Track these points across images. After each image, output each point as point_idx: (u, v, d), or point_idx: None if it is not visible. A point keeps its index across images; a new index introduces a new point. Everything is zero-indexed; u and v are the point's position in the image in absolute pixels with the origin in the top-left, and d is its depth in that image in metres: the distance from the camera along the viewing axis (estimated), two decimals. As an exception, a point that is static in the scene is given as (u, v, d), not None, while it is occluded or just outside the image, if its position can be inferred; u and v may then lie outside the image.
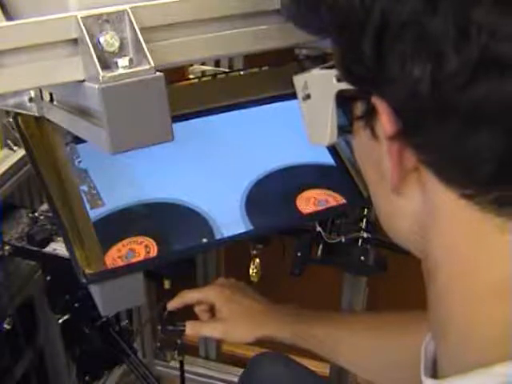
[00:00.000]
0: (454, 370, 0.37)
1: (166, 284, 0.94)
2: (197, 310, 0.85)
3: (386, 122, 0.35)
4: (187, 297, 0.85)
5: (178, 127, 0.51)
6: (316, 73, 0.45)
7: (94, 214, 0.70)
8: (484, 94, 0.30)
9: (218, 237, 0.72)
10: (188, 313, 0.85)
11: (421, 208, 0.38)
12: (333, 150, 0.81)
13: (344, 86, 0.40)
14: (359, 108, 0.39)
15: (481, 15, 0.29)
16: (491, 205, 0.34)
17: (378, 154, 0.38)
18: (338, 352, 0.78)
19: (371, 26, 0.33)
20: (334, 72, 0.41)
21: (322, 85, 0.43)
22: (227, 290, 0.84)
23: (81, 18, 0.45)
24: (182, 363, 0.93)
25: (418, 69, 0.32)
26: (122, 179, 0.74)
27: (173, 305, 0.85)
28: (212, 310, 0.84)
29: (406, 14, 0.31)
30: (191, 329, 0.82)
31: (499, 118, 0.31)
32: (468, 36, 0.30)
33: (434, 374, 0.43)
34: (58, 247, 0.83)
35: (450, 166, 0.35)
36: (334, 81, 0.41)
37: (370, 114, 0.37)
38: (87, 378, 1.05)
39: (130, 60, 0.46)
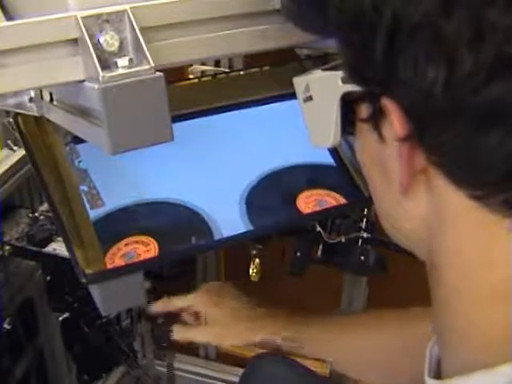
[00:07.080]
0: (458, 370, 0.37)
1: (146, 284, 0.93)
2: (182, 316, 0.83)
3: (397, 123, 0.35)
4: (170, 305, 0.83)
5: (178, 127, 0.51)
6: (318, 75, 0.44)
7: (94, 213, 0.70)
8: (499, 94, 0.30)
9: (217, 237, 0.72)
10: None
11: (427, 210, 0.38)
12: (333, 149, 0.81)
13: (350, 87, 0.39)
14: (365, 110, 0.38)
15: (495, 16, 0.29)
16: (500, 206, 0.34)
17: (384, 155, 0.38)
18: (336, 354, 0.77)
19: (382, 27, 0.32)
20: (338, 73, 0.40)
21: (325, 87, 0.43)
22: (214, 295, 0.82)
23: (81, 17, 0.45)
24: (170, 363, 0.92)
25: (432, 70, 0.31)
26: (122, 179, 0.73)
27: (155, 310, 0.82)
28: (197, 316, 0.82)
29: (420, 16, 0.31)
30: (178, 333, 0.80)
31: None
32: (483, 37, 0.29)
33: (438, 375, 0.43)
34: (58, 247, 0.83)
35: (461, 167, 0.34)
36: (339, 82, 0.40)
37: (378, 116, 0.37)
38: (87, 377, 1.05)
39: (130, 60, 0.46)
